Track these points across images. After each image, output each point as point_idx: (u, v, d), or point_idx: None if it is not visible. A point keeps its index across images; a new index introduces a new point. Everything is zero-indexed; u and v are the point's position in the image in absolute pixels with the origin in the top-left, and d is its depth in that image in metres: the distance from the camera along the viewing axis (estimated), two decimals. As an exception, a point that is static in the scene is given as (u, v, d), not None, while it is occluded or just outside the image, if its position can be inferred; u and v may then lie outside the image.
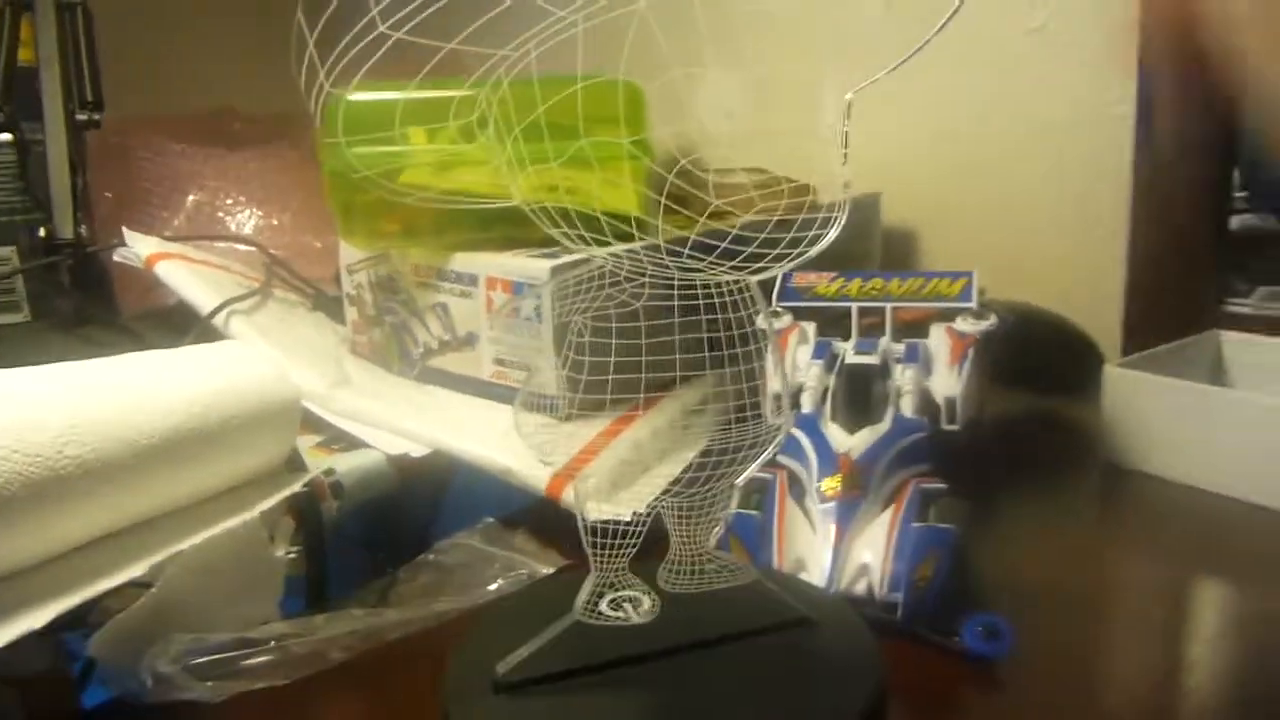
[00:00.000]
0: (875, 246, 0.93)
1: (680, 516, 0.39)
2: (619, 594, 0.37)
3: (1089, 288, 0.87)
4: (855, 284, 0.64)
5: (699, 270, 0.35)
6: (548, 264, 0.64)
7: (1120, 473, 0.67)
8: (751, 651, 0.38)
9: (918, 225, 0.98)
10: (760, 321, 0.37)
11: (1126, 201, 0.84)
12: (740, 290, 0.36)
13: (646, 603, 0.37)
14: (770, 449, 0.37)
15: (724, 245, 0.34)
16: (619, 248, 0.35)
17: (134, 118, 1.00)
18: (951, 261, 0.67)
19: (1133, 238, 0.85)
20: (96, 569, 0.44)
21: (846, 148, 0.33)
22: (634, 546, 0.38)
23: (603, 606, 0.37)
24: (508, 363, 0.67)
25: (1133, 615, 0.53)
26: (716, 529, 0.39)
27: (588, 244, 0.35)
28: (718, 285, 0.36)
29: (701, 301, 0.36)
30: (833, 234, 0.34)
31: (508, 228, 0.70)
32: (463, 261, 0.68)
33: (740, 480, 0.37)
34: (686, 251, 0.35)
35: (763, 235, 0.35)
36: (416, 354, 0.73)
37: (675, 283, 0.36)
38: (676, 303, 0.36)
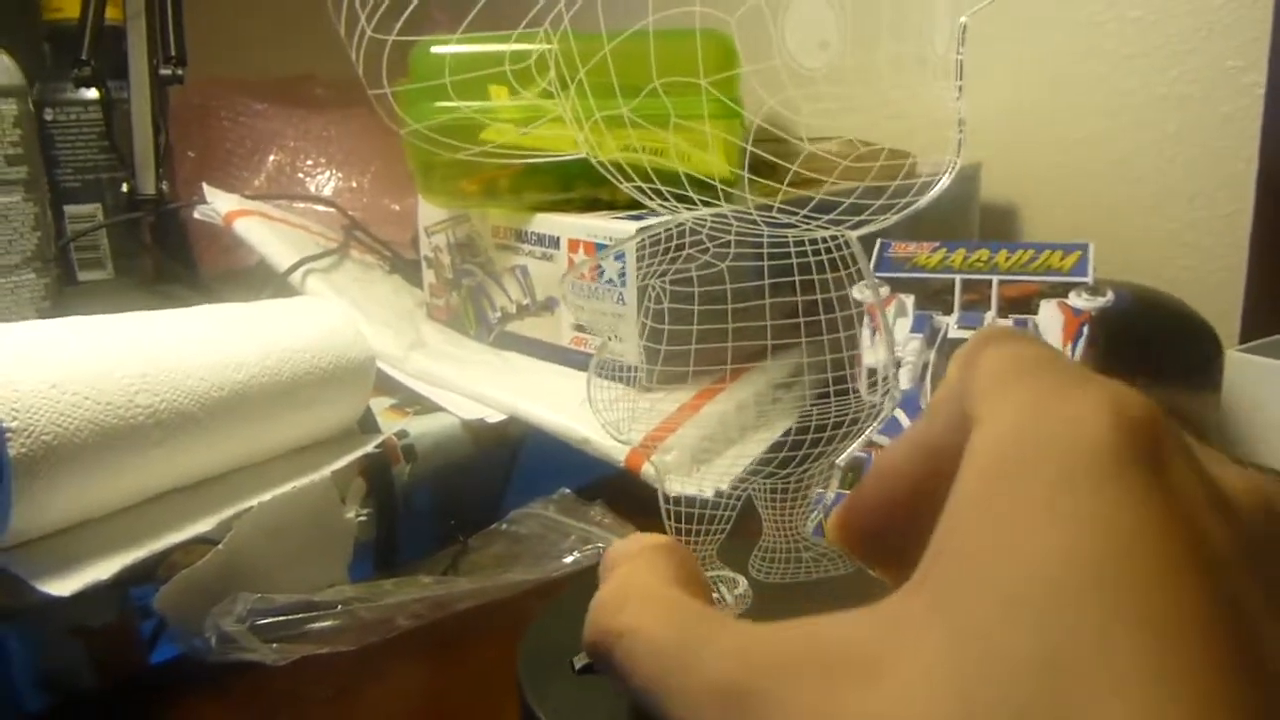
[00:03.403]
0: (973, 222, 0.88)
1: (774, 499, 0.36)
2: (712, 574, 0.34)
3: (1207, 270, 0.82)
4: (959, 255, 0.60)
5: (792, 226, 0.32)
6: (633, 225, 0.61)
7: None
8: None
9: (1020, 200, 0.92)
10: (863, 285, 0.33)
11: (1252, 178, 0.79)
12: (839, 249, 0.33)
13: (742, 585, 0.34)
14: (874, 426, 0.34)
15: (819, 197, 0.31)
16: (704, 211, 0.32)
17: (216, 79, 1.00)
18: (1055, 239, 0.63)
19: (1258, 217, 0.79)
20: (164, 522, 0.43)
21: (961, 79, 0.30)
22: (723, 532, 0.35)
23: None
24: (588, 329, 0.65)
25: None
26: (815, 513, 0.36)
27: (665, 199, 0.32)
28: (813, 244, 0.32)
29: (795, 261, 0.33)
30: (945, 181, 0.30)
31: (589, 188, 0.67)
32: (543, 223, 0.65)
33: (841, 460, 0.33)
34: (778, 205, 0.31)
35: (863, 185, 0.31)
36: (494, 318, 0.71)
37: (765, 240, 0.32)
38: (766, 264, 0.33)
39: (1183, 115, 0.83)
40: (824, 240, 0.32)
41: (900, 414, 0.51)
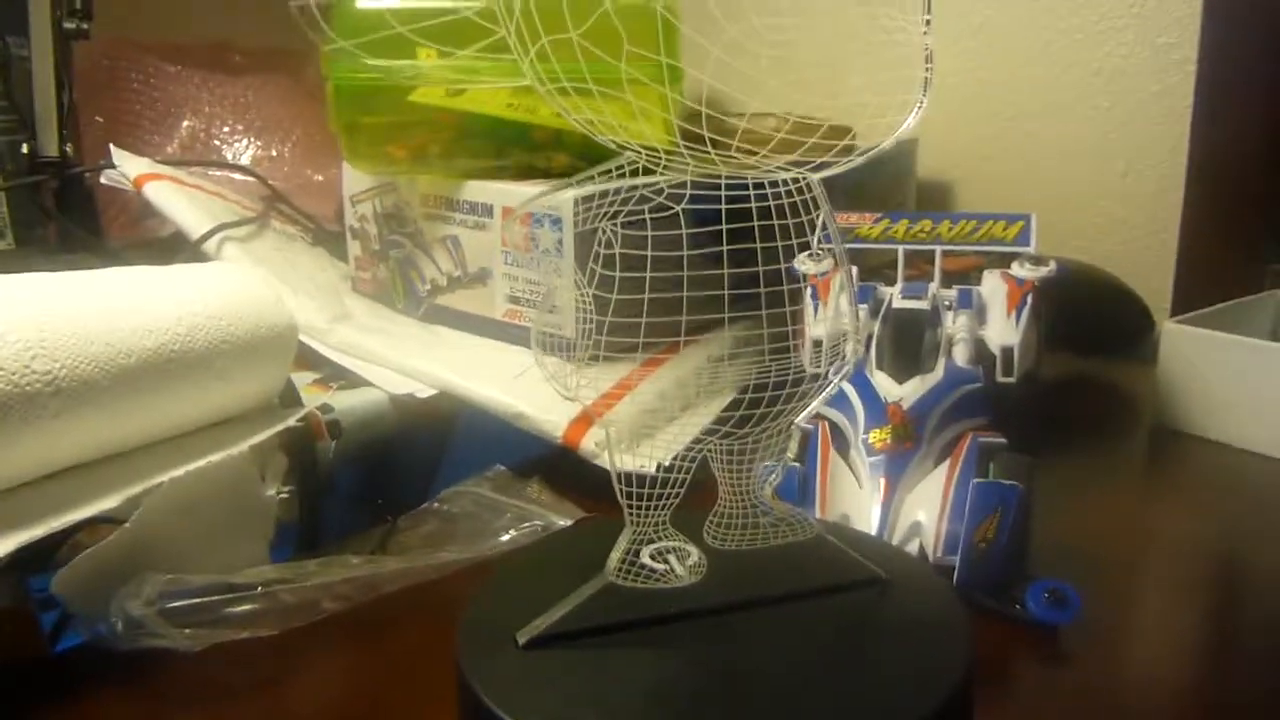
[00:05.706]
0: (909, 198, 0.88)
1: (729, 462, 0.34)
2: (661, 545, 0.32)
3: (1138, 246, 0.83)
4: (902, 226, 0.59)
5: (751, 166, 0.30)
6: (572, 193, 0.59)
7: (1173, 435, 0.63)
8: (816, 613, 0.33)
9: (955, 176, 0.92)
10: (805, 256, 0.32)
11: (1183, 154, 0.79)
12: (800, 193, 0.31)
13: (694, 555, 0.32)
14: (835, 383, 0.33)
15: (780, 136, 0.29)
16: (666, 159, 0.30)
17: (126, 39, 0.94)
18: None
19: (1188, 193, 0.79)
20: (65, 500, 0.39)
21: (930, 13, 0.29)
22: (676, 497, 0.33)
23: (644, 557, 0.32)
24: (523, 301, 0.62)
25: (1193, 582, 0.49)
26: (772, 477, 0.34)
27: (614, 132, 0.30)
28: (773, 186, 0.31)
29: (755, 205, 0.31)
30: (911, 120, 0.29)
31: (524, 154, 0.65)
32: (476, 190, 0.63)
33: (801, 419, 0.32)
34: (736, 144, 0.30)
35: (826, 124, 0.30)
36: (423, 291, 0.68)
37: (722, 182, 0.30)
38: (724, 206, 0.31)
39: (1115, 91, 0.83)
40: (784, 183, 0.30)
41: (845, 384, 0.49)
